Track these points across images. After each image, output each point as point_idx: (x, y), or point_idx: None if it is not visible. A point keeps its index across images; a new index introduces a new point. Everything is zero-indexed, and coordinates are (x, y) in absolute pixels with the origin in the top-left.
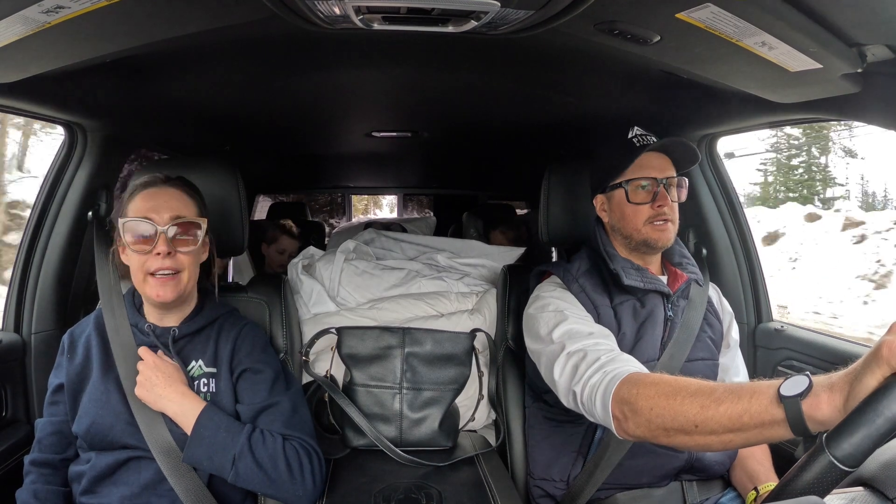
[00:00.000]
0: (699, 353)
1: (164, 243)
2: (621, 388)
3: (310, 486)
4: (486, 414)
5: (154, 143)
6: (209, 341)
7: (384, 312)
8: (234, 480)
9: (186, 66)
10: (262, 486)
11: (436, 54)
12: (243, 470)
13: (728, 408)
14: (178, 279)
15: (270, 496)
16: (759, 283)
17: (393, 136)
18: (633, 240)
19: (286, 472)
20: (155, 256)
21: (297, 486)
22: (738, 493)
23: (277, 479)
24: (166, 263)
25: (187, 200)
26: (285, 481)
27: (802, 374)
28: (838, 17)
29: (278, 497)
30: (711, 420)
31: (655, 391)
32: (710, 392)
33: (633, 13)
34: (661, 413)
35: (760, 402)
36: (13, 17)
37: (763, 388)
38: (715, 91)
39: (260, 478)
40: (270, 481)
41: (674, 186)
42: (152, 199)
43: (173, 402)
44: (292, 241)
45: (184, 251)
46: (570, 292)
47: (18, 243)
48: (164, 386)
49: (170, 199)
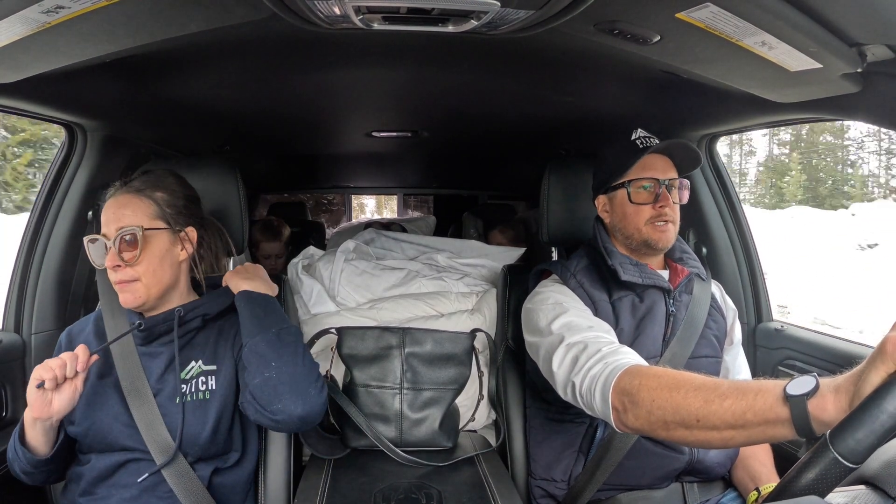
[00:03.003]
0: (703, 350)
1: (111, 257)
2: (622, 378)
3: (320, 396)
4: (486, 414)
5: (154, 143)
6: (209, 341)
7: (384, 312)
8: (266, 343)
9: (186, 66)
10: (289, 362)
11: (436, 54)
12: (284, 338)
13: (732, 403)
14: (136, 287)
15: (285, 374)
16: (758, 282)
17: (393, 136)
18: (634, 240)
19: (315, 373)
20: (110, 270)
21: (313, 385)
22: (739, 494)
23: (306, 367)
24: (118, 276)
25: (138, 204)
26: (311, 376)
27: (809, 375)
28: (838, 17)
29: (293, 382)
30: (714, 415)
31: (658, 383)
32: (715, 387)
33: (633, 13)
34: (663, 405)
35: (766, 399)
36: (13, 17)
37: (769, 386)
38: (715, 91)
39: (292, 354)
40: (298, 364)
41: (675, 188)
42: (106, 212)
43: (253, 281)
44: (271, 245)
45: (129, 261)
46: (568, 287)
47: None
48: (255, 275)
49: (119, 209)
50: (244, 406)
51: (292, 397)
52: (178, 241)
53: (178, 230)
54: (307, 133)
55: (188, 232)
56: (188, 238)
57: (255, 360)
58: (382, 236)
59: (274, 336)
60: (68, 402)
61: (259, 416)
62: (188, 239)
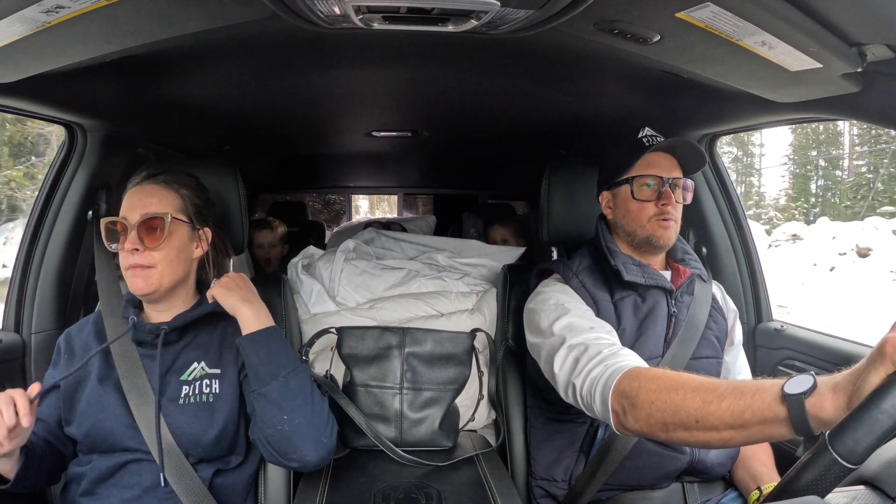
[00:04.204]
0: (704, 351)
1: (131, 240)
2: (622, 381)
3: (332, 439)
4: (486, 414)
5: (154, 143)
6: (212, 342)
7: (384, 312)
8: (277, 392)
9: (186, 66)
10: (300, 410)
11: (436, 54)
12: (294, 384)
13: (731, 403)
14: (150, 273)
15: (298, 425)
16: (758, 282)
17: (393, 136)
18: (637, 237)
19: (326, 414)
20: (127, 253)
21: (325, 431)
22: (740, 494)
23: (317, 413)
24: (135, 260)
25: (165, 194)
26: (323, 420)
27: (807, 374)
28: (838, 17)
29: (306, 432)
30: (713, 416)
31: (657, 385)
32: (713, 388)
33: (633, 13)
34: (662, 407)
35: (763, 398)
36: (13, 17)
37: (767, 386)
38: (715, 91)
39: (302, 401)
40: (309, 411)
41: (679, 187)
42: (130, 198)
43: (252, 304)
44: (262, 233)
45: (151, 247)
46: (570, 287)
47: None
48: (248, 291)
49: (145, 197)
50: (255, 441)
51: (306, 447)
52: (196, 238)
53: (197, 228)
54: (307, 133)
55: (205, 231)
56: (205, 237)
57: (266, 409)
58: (382, 236)
59: (283, 384)
60: (19, 441)
61: (273, 459)
62: (205, 238)
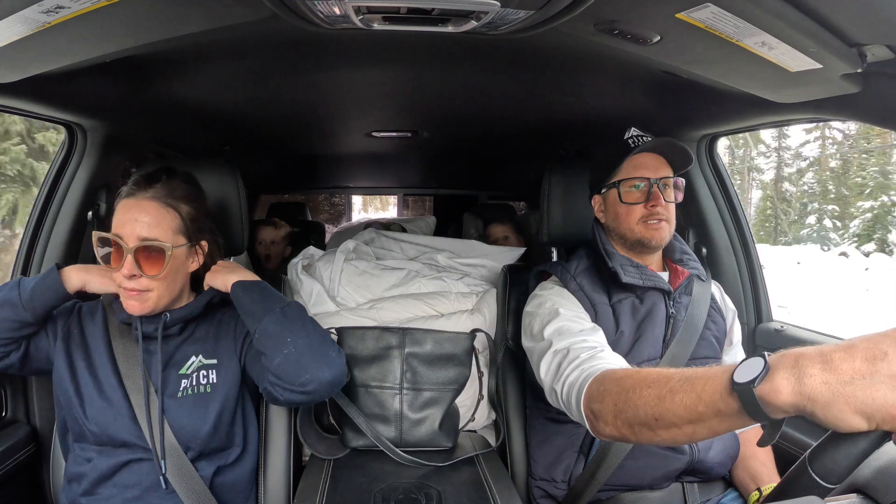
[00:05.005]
0: (703, 352)
1: (128, 266)
2: (591, 386)
3: (341, 356)
4: (486, 414)
5: (154, 143)
6: (209, 334)
7: (384, 312)
8: (276, 322)
9: (186, 66)
10: (302, 332)
11: (436, 54)
12: (290, 313)
13: (683, 397)
14: (146, 297)
15: (303, 345)
16: (758, 282)
17: (393, 136)
18: (628, 239)
19: (327, 336)
20: (123, 276)
21: (332, 347)
22: (740, 494)
23: (318, 334)
24: (132, 284)
25: (164, 216)
26: (327, 341)
27: (758, 356)
28: (838, 17)
29: (315, 349)
30: (669, 412)
31: (619, 387)
32: (666, 381)
33: (633, 13)
34: (623, 409)
35: (714, 389)
36: (13, 17)
37: (716, 374)
38: (715, 91)
39: (302, 325)
40: (311, 332)
41: (669, 187)
42: (126, 212)
43: (241, 273)
44: (265, 230)
45: (151, 275)
46: (568, 290)
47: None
48: (235, 266)
49: (142, 214)
50: (269, 392)
51: (317, 365)
52: (193, 253)
53: (194, 245)
54: (307, 133)
55: (202, 245)
56: (201, 251)
57: (269, 342)
58: (382, 236)
59: (279, 314)
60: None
61: (289, 394)
62: (201, 252)
